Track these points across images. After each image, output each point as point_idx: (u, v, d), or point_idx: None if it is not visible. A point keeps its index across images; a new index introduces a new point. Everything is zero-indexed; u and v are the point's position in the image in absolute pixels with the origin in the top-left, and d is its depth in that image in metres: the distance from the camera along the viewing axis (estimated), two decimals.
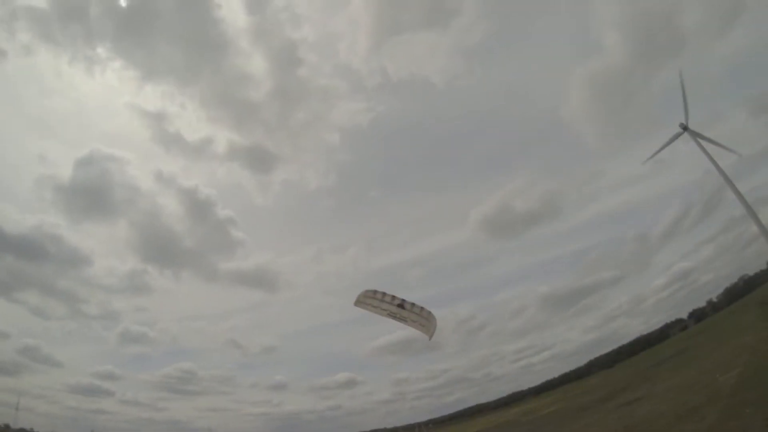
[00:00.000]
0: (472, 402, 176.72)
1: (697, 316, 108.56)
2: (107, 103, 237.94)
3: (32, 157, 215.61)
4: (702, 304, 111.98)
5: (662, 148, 59.26)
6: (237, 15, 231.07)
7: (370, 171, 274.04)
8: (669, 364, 55.75)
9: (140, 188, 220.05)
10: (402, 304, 22.97)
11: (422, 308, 23.17)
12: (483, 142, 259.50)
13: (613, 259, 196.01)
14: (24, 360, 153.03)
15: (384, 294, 23.09)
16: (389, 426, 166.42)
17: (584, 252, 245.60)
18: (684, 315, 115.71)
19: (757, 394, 21.10)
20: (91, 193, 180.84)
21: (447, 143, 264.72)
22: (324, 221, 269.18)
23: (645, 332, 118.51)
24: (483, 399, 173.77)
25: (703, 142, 52.90)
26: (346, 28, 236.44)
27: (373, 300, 23.22)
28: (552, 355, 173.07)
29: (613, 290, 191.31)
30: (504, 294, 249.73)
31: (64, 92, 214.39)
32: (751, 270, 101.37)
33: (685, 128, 54.89)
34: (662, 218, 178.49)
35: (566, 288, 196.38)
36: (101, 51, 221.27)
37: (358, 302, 23.49)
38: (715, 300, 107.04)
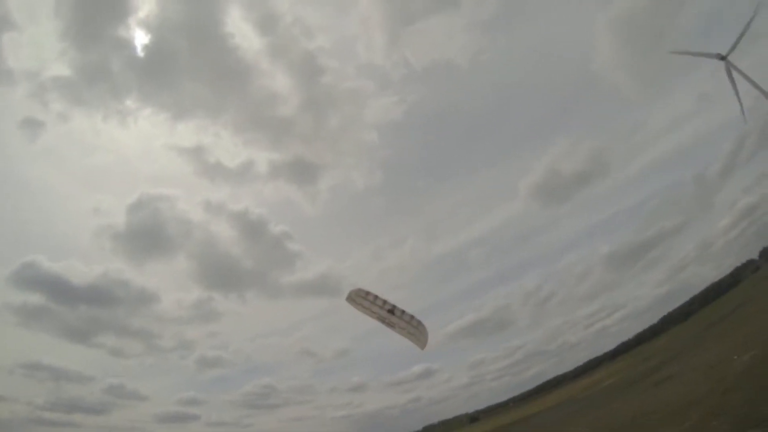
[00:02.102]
0: (552, 374, 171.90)
1: None
2: (146, 149, 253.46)
3: (87, 212, 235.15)
4: None
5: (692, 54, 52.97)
6: (251, 39, 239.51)
7: (413, 161, 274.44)
8: (722, 325, 52.29)
9: (192, 221, 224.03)
10: (392, 310, 22.58)
11: (412, 317, 22.68)
12: (519, 112, 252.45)
13: (673, 206, 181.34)
14: (111, 398, 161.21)
15: (376, 297, 22.90)
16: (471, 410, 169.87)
17: (641, 204, 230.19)
18: (755, 255, 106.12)
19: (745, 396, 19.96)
20: (147, 234, 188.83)
21: (483, 120, 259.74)
22: (377, 219, 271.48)
23: (716, 278, 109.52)
24: (562, 369, 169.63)
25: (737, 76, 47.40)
26: (360, 29, 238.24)
27: (364, 300, 23.11)
28: (625, 315, 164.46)
29: (678, 239, 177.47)
30: (567, 259, 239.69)
31: (105, 147, 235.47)
32: None
33: (722, 58, 49.45)
34: (717, 155, 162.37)
35: (629, 244, 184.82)
36: (129, 103, 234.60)
37: (349, 299, 23.37)
38: None
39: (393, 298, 23.13)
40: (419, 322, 22.56)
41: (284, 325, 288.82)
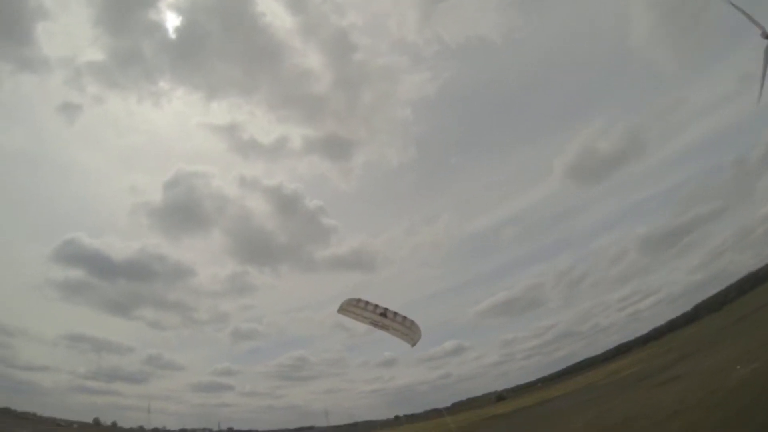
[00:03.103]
0: (582, 356, 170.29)
1: None
2: (180, 128, 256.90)
3: (124, 190, 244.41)
4: None
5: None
6: (282, 18, 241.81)
7: (446, 138, 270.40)
8: (746, 322, 49.79)
9: (227, 196, 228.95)
10: (384, 313, 23.03)
11: (405, 317, 23.13)
12: (554, 90, 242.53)
13: (711, 190, 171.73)
14: (150, 368, 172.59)
15: (367, 303, 23.32)
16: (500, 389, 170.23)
17: (679, 186, 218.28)
18: None
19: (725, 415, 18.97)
20: (183, 210, 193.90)
21: (517, 97, 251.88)
22: (411, 195, 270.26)
23: (755, 267, 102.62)
24: (592, 352, 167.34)
25: None
26: (392, 6, 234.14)
27: (355, 308, 23.50)
28: (658, 300, 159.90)
29: (716, 224, 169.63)
30: (600, 241, 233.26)
31: (139, 128, 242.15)
32: None
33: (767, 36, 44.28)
34: (759, 139, 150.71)
35: (664, 227, 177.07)
36: (163, 84, 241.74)
37: (341, 310, 23.77)
38: None
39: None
40: (412, 322, 22.99)
41: (318, 299, 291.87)
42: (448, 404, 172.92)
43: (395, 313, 22.72)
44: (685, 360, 45.18)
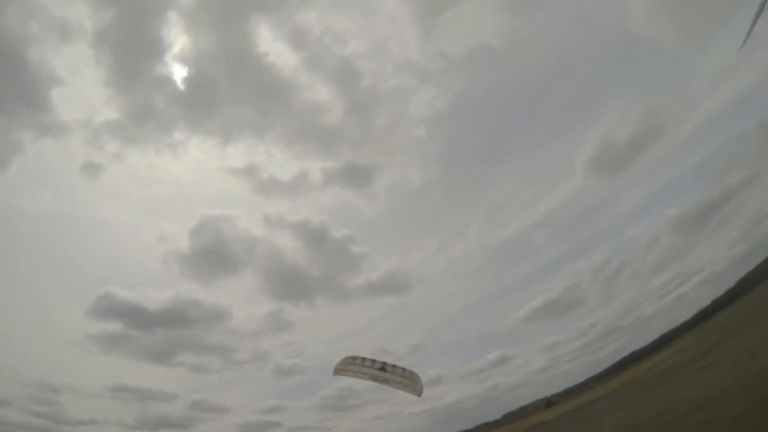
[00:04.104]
0: (630, 349, 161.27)
1: None
2: (200, 175, 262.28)
3: (152, 241, 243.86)
4: None
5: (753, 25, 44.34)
6: (286, 56, 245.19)
7: (465, 150, 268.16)
8: None
9: (254, 236, 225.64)
10: (383, 367, 22.67)
11: (404, 369, 22.74)
12: (563, 86, 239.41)
13: (740, 158, 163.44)
14: (195, 413, 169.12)
15: (364, 359, 22.96)
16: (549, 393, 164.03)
17: (705, 161, 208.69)
18: None
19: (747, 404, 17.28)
20: (212, 254, 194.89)
21: (529, 99, 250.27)
22: (437, 211, 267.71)
23: None
24: (640, 344, 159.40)
25: None
26: (390, 28, 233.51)
27: (353, 366, 23.13)
28: (702, 280, 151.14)
29: (749, 192, 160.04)
30: (633, 230, 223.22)
31: (161, 179, 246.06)
32: None
33: None
34: None
35: (696, 205, 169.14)
36: (178, 134, 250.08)
37: (338, 371, 23.39)
38: None
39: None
40: (412, 372, 22.59)
41: (356, 326, 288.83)
42: (499, 416, 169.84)
43: (394, 366, 22.32)
44: (720, 345, 42.33)
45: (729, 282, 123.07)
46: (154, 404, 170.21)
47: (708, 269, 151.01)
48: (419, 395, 22.84)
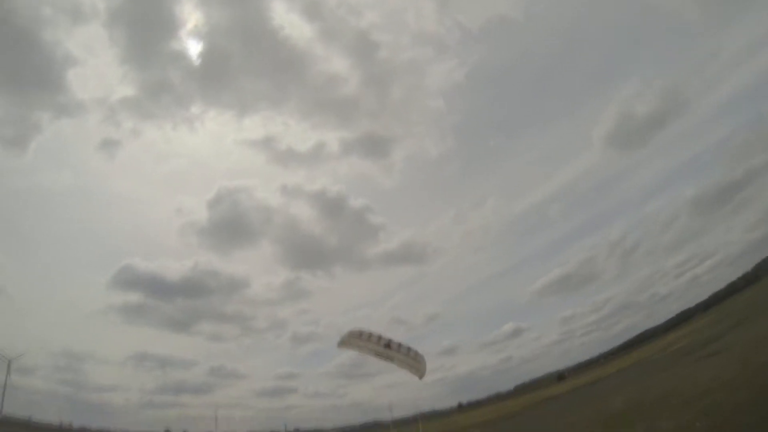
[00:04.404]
0: (643, 327, 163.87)
1: None
2: (218, 147, 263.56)
3: (170, 214, 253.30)
4: None
5: None
6: (301, 28, 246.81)
7: (482, 122, 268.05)
8: None
9: (272, 206, 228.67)
10: (389, 344, 22.84)
11: (410, 348, 22.93)
12: (582, 58, 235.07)
13: (763, 138, 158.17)
14: (214, 379, 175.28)
15: (370, 334, 23.11)
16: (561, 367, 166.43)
17: (726, 140, 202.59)
18: None
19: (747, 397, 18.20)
20: (230, 224, 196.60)
21: (546, 71, 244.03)
22: (455, 183, 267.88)
23: None
24: (653, 323, 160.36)
25: None
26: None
27: (358, 341, 23.31)
28: (717, 262, 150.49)
29: None
30: (650, 206, 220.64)
31: (178, 152, 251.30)
32: None
33: None
34: None
35: (716, 185, 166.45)
36: (195, 109, 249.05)
37: (343, 343, 23.65)
38: None
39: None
40: (417, 353, 22.92)
41: (373, 296, 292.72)
42: (511, 387, 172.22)
43: (399, 344, 22.51)
44: (734, 330, 42.85)
45: (746, 265, 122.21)
46: (173, 371, 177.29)
47: (723, 251, 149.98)
48: (421, 377, 22.96)
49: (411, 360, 22.58)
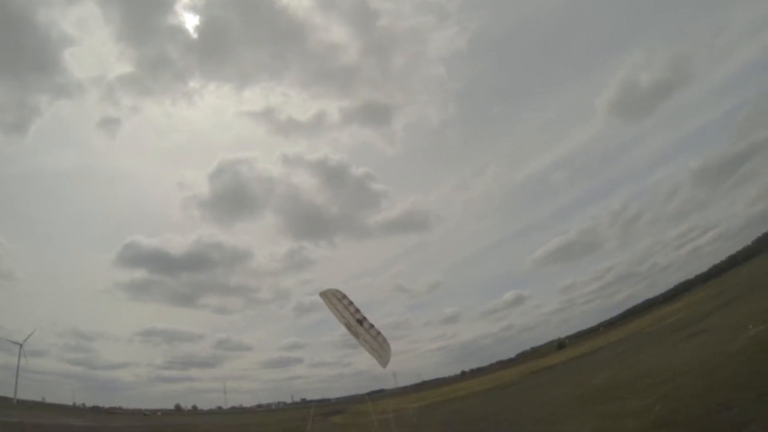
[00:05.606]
0: (643, 297, 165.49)
1: None
2: (218, 121, 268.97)
3: (172, 188, 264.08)
4: None
5: None
6: None
7: (484, 89, 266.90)
8: None
9: (273, 177, 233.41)
10: (361, 321, 22.06)
11: (378, 333, 22.29)
12: (586, 26, 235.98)
13: None
14: (220, 352, 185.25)
15: (350, 303, 22.49)
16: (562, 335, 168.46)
17: (732, 113, 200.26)
18: None
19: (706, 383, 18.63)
20: (232, 196, 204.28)
21: (549, 38, 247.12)
22: (457, 150, 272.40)
23: None
24: (653, 293, 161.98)
25: None
26: None
27: (337, 302, 22.59)
28: (718, 235, 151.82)
29: None
30: (653, 177, 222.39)
31: (178, 127, 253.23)
32: None
33: None
34: None
35: (720, 157, 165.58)
36: (193, 83, 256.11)
37: (325, 296, 22.93)
38: None
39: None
40: (384, 340, 22.38)
41: (375, 264, 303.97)
42: (513, 355, 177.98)
43: (371, 325, 21.93)
44: (723, 309, 43.38)
45: (747, 239, 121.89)
46: (181, 345, 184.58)
47: (725, 224, 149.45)
48: (384, 366, 22.33)
49: (377, 345, 21.93)
